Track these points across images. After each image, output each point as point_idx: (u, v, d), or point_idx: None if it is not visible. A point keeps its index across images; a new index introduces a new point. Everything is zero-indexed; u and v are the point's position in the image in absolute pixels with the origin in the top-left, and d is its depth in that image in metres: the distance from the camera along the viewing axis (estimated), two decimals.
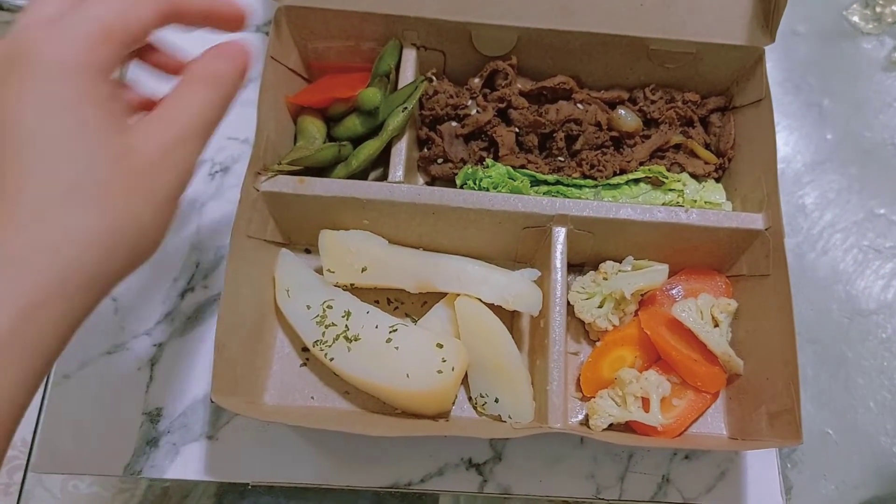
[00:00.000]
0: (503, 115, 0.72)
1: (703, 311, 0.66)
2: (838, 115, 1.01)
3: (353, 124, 0.69)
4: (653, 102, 0.73)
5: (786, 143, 0.99)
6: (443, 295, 0.66)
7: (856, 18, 1.06)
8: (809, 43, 1.05)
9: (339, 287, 0.66)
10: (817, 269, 0.93)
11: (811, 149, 0.98)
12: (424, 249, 0.68)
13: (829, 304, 0.92)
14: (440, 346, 0.61)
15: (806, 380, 0.87)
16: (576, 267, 0.71)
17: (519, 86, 0.72)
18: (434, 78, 0.71)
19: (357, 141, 0.69)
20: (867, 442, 0.86)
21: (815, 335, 0.89)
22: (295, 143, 0.71)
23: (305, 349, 0.66)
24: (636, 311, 0.68)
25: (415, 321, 0.68)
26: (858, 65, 1.04)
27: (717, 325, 0.66)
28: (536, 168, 0.70)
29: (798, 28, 1.06)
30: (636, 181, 0.71)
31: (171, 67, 0.49)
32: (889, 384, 0.89)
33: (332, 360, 0.62)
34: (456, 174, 0.71)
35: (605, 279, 0.67)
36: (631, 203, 0.67)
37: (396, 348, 0.62)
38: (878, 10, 1.06)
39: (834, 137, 0.99)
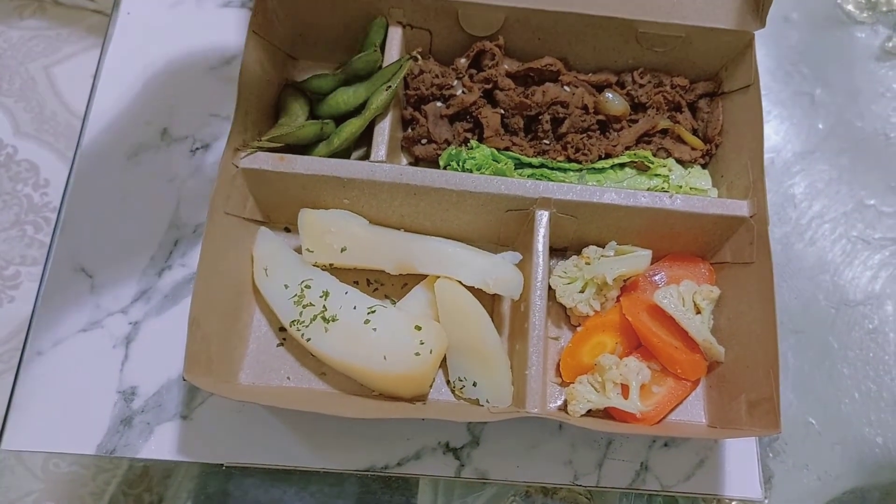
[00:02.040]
0: (489, 97, 0.72)
1: (686, 297, 0.65)
2: (830, 104, 1.00)
3: (336, 102, 0.68)
4: (641, 86, 0.72)
5: (776, 131, 0.98)
6: (423, 277, 0.66)
7: (850, 7, 1.05)
8: (802, 30, 1.03)
9: (317, 267, 0.65)
10: (805, 258, 0.92)
11: (801, 138, 0.98)
12: (406, 230, 0.67)
13: (815, 294, 0.91)
14: (418, 328, 0.61)
15: (790, 369, 0.86)
16: (558, 251, 0.70)
17: (506, 67, 0.71)
18: (419, 57, 0.70)
19: (340, 119, 0.68)
20: (850, 432, 0.85)
21: (801, 325, 0.89)
22: (277, 121, 0.70)
23: (283, 329, 0.65)
24: (618, 297, 0.67)
25: (394, 303, 0.67)
26: (851, 54, 1.03)
27: (699, 313, 0.65)
28: (521, 150, 0.70)
29: (791, 15, 1.04)
30: (621, 166, 0.70)
31: None
32: (874, 375, 0.89)
33: (308, 340, 0.62)
34: (440, 155, 0.70)
35: (587, 264, 0.66)
36: (615, 188, 0.66)
37: (374, 330, 0.61)
38: None
39: (825, 127, 0.99)
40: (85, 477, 1.09)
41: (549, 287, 0.65)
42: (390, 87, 0.66)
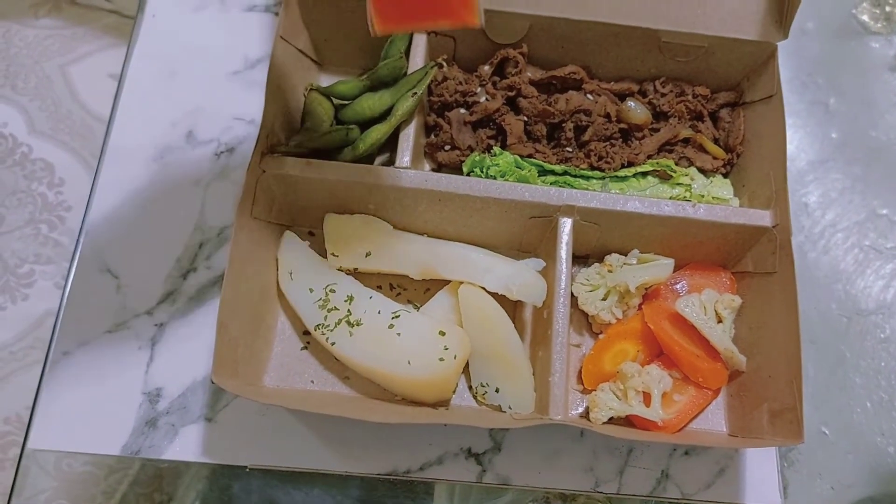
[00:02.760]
0: (512, 104, 0.72)
1: (707, 306, 0.65)
2: (844, 114, 1.00)
3: (361, 108, 0.69)
4: (663, 95, 0.73)
5: (790, 140, 0.99)
6: (446, 282, 0.66)
7: (865, 17, 1.06)
8: (817, 41, 1.04)
9: (342, 271, 0.66)
10: (818, 268, 0.93)
11: (816, 147, 0.98)
12: (429, 236, 0.68)
13: (828, 303, 0.91)
14: (442, 333, 0.61)
15: (803, 379, 0.87)
16: (581, 259, 0.71)
17: (529, 74, 0.72)
18: (444, 64, 0.71)
19: (365, 125, 0.69)
20: (863, 442, 0.86)
21: (814, 334, 0.89)
22: (302, 126, 0.70)
23: (307, 332, 0.66)
24: (640, 305, 0.68)
25: (417, 308, 0.67)
26: (866, 64, 1.03)
27: (720, 322, 0.66)
28: (544, 158, 0.70)
29: (806, 25, 1.05)
30: (644, 174, 0.70)
31: None
32: (886, 385, 0.89)
33: (333, 344, 0.62)
34: (463, 161, 0.70)
35: (609, 272, 0.67)
36: (638, 196, 0.66)
37: (398, 334, 0.61)
38: (887, 9, 1.06)
39: (839, 136, 0.99)
40: (97, 476, 1.09)
41: (572, 294, 0.65)
42: (415, 93, 0.67)
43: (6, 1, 1.07)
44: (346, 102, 0.70)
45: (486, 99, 0.71)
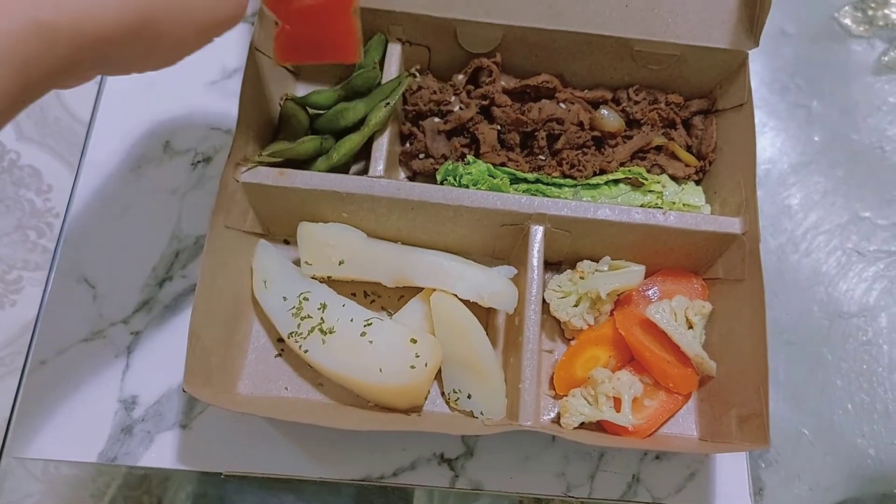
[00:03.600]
0: (486, 113, 0.73)
1: (678, 312, 0.66)
2: (826, 117, 1.01)
3: (335, 117, 0.69)
4: (636, 103, 0.73)
5: (772, 143, 0.99)
6: (420, 289, 0.67)
7: (847, 21, 1.06)
8: (799, 44, 1.04)
9: (316, 279, 0.67)
10: (799, 270, 0.93)
11: (798, 150, 0.99)
12: (403, 244, 0.68)
13: (810, 305, 0.92)
14: (414, 341, 0.62)
15: (783, 380, 0.87)
16: (553, 265, 0.71)
17: (503, 83, 0.72)
18: (418, 74, 0.71)
19: (339, 134, 0.69)
20: (843, 443, 0.86)
21: (795, 336, 0.90)
22: (277, 135, 0.71)
23: (281, 340, 0.66)
24: (612, 311, 0.68)
25: (391, 315, 0.68)
26: (848, 67, 1.04)
27: (691, 328, 0.66)
28: (517, 166, 0.71)
29: (787, 28, 1.05)
30: (616, 182, 0.71)
31: None
32: (867, 387, 0.89)
33: (306, 351, 0.63)
34: (437, 170, 0.71)
35: (581, 278, 0.67)
36: (609, 203, 0.67)
37: (370, 342, 0.62)
38: (869, 12, 1.06)
39: (821, 139, 1.00)
40: (85, 480, 1.10)
41: (544, 301, 0.66)
42: (389, 103, 0.67)
43: None
44: (321, 112, 0.70)
45: (460, 108, 0.71)
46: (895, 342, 0.90)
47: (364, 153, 0.70)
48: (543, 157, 0.72)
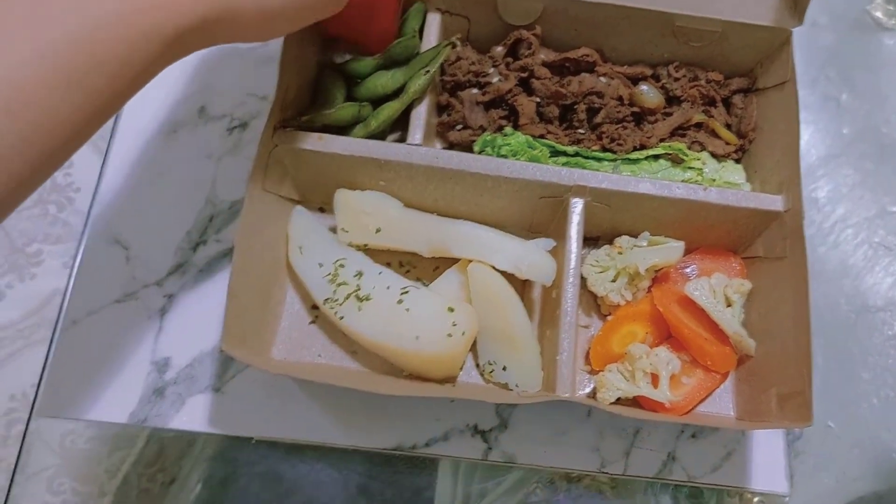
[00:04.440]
0: (525, 85, 0.72)
1: (717, 290, 0.65)
2: (856, 109, 1.00)
3: (374, 85, 0.69)
4: (676, 80, 0.73)
5: (801, 135, 0.98)
6: (455, 261, 0.66)
7: (879, 13, 1.05)
8: (830, 35, 1.04)
9: (352, 247, 0.66)
10: (826, 262, 0.92)
11: (827, 142, 0.98)
12: (440, 214, 0.68)
13: (836, 298, 0.91)
14: (451, 309, 0.61)
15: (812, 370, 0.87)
16: (591, 240, 0.70)
17: (542, 56, 0.72)
18: (457, 43, 0.71)
19: (377, 102, 0.69)
20: (868, 437, 0.85)
21: (822, 328, 0.89)
22: (315, 102, 0.70)
23: (315, 307, 0.66)
24: (649, 288, 0.68)
25: (426, 285, 0.67)
26: (879, 60, 1.03)
27: (729, 306, 0.66)
28: (556, 139, 0.70)
29: (819, 20, 1.05)
30: (656, 157, 0.70)
31: None
32: (893, 382, 0.89)
33: (341, 318, 0.62)
34: (474, 141, 0.70)
35: (619, 253, 0.67)
36: (650, 178, 0.66)
37: (407, 310, 0.61)
38: None
39: (850, 132, 0.99)
40: (100, 454, 1.09)
41: (581, 276, 0.65)
42: (428, 71, 0.67)
43: None
44: (359, 80, 0.70)
45: (499, 79, 0.71)
46: None
47: (401, 123, 0.69)
48: (583, 131, 0.71)
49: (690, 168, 0.70)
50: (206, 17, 0.42)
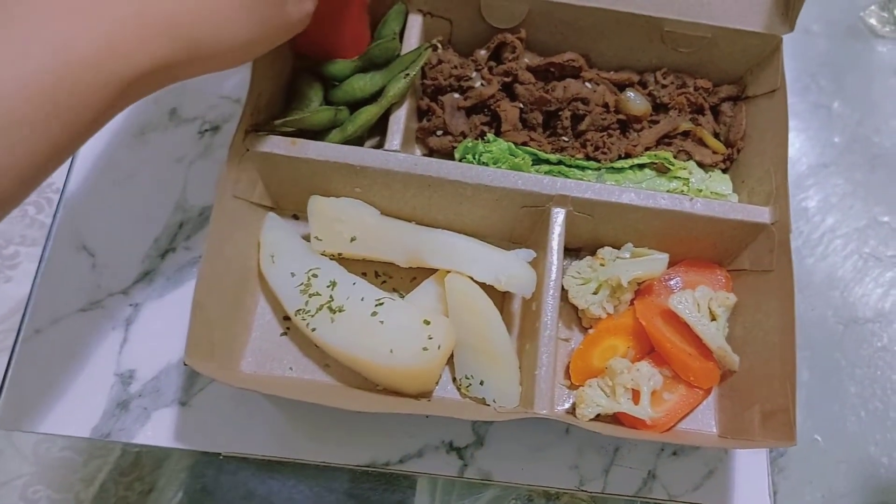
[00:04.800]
0: (508, 90, 0.70)
1: (701, 303, 0.64)
2: (847, 118, 0.99)
3: (351, 88, 0.67)
4: (663, 87, 0.71)
5: (791, 144, 0.97)
6: (433, 271, 0.64)
7: (873, 21, 1.04)
8: (822, 42, 1.03)
9: (326, 256, 0.64)
10: (815, 273, 0.91)
11: (817, 151, 0.97)
12: (418, 223, 0.66)
13: (824, 310, 0.90)
14: (427, 322, 0.59)
15: (797, 384, 0.85)
16: (573, 251, 0.69)
17: (526, 60, 0.70)
18: (439, 46, 0.69)
19: (355, 106, 0.67)
20: (856, 451, 0.85)
21: (809, 341, 0.88)
22: (289, 106, 0.68)
23: (287, 318, 0.64)
24: (632, 300, 0.66)
25: (402, 296, 0.65)
26: (872, 68, 1.02)
27: (714, 320, 0.64)
28: (539, 146, 0.68)
29: (812, 27, 1.03)
30: (641, 166, 0.68)
31: None
32: (881, 394, 0.88)
33: (314, 330, 0.60)
34: (455, 147, 0.68)
35: (602, 265, 0.65)
36: (634, 188, 0.64)
37: (381, 322, 0.59)
38: (895, 13, 1.04)
39: (841, 141, 0.98)
40: (76, 462, 1.07)
41: (562, 287, 0.63)
42: (408, 74, 0.65)
43: None
44: (337, 83, 0.68)
45: (482, 84, 0.69)
46: None
47: (379, 127, 0.67)
48: (567, 139, 0.69)
49: (676, 178, 0.68)
50: (166, 60, 0.42)
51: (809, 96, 1.00)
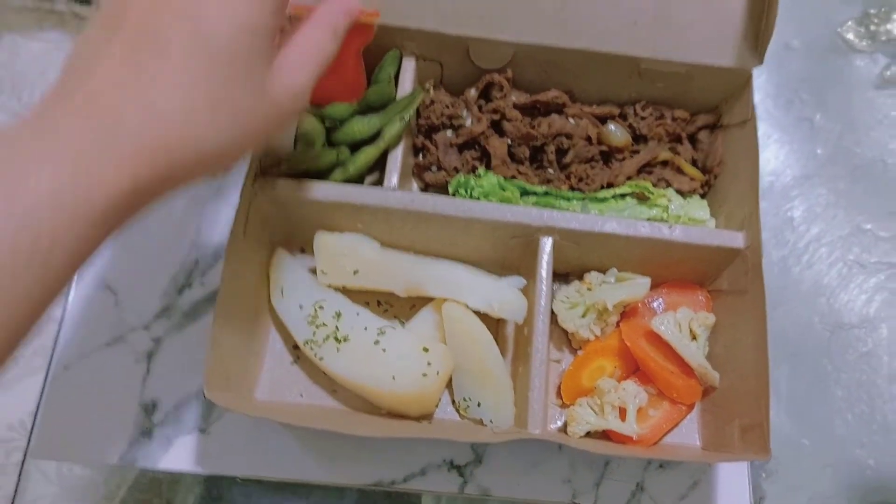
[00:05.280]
0: (497, 127, 0.75)
1: (682, 324, 0.68)
2: (830, 130, 1.02)
3: (351, 130, 0.71)
4: (643, 119, 0.75)
5: (776, 156, 1.01)
6: (431, 299, 0.68)
7: (850, 35, 1.08)
8: (803, 58, 1.06)
9: (331, 288, 0.68)
10: (801, 282, 0.95)
11: (801, 163, 1.00)
12: (416, 253, 0.70)
13: (811, 316, 0.93)
14: (426, 349, 0.64)
15: (784, 391, 0.89)
16: (561, 276, 0.73)
17: (513, 98, 0.74)
18: (431, 89, 0.73)
19: (355, 147, 0.71)
20: (842, 454, 0.88)
21: (796, 347, 0.91)
22: (294, 147, 0.73)
23: (296, 347, 0.68)
24: (618, 322, 0.70)
25: (403, 324, 0.70)
26: (851, 81, 1.06)
27: (694, 339, 0.68)
28: (527, 179, 0.73)
29: (792, 43, 1.07)
30: (623, 195, 0.73)
31: None
32: (867, 398, 0.91)
33: (321, 359, 0.65)
34: (449, 182, 0.73)
35: (588, 290, 0.69)
36: (617, 217, 0.69)
37: (384, 350, 0.64)
38: (872, 28, 1.08)
39: (824, 152, 1.01)
40: (97, 482, 1.12)
41: (552, 311, 0.68)
42: (403, 118, 0.69)
43: (11, 15, 1.10)
44: (337, 125, 0.72)
45: (472, 122, 0.73)
46: (895, 353, 0.92)
47: (379, 165, 0.72)
48: (552, 171, 0.73)
49: (656, 205, 0.72)
50: (139, 184, 0.37)
51: (792, 110, 1.04)
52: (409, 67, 0.74)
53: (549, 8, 0.70)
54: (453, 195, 0.71)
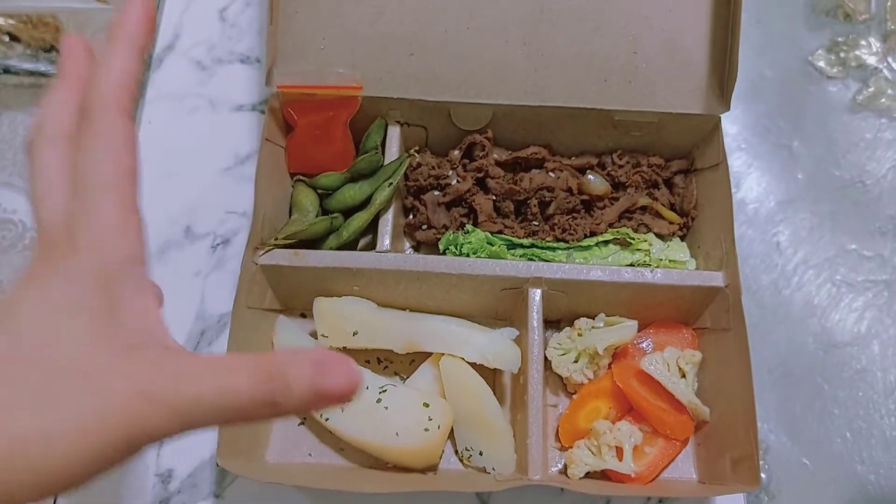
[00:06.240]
0: (481, 184, 0.78)
1: (670, 363, 0.71)
2: (808, 155, 1.05)
3: (343, 197, 0.75)
4: (620, 167, 0.79)
5: (758, 183, 1.04)
6: (429, 353, 0.71)
7: (821, 63, 1.11)
8: (777, 87, 1.09)
9: (333, 350, 0.71)
10: (792, 304, 0.97)
11: (783, 188, 1.03)
12: (411, 311, 0.74)
13: (804, 337, 0.95)
14: (426, 405, 0.67)
15: (782, 413, 0.91)
16: (552, 323, 0.76)
17: (495, 156, 0.78)
18: (417, 153, 0.77)
19: (348, 213, 0.75)
20: (843, 471, 0.89)
21: (792, 369, 0.93)
22: (290, 216, 0.76)
23: None
24: (609, 365, 0.73)
25: (403, 379, 0.73)
26: (825, 107, 1.09)
27: (683, 376, 0.71)
28: (513, 232, 0.76)
29: (766, 73, 1.10)
30: (605, 242, 0.76)
31: None
32: (864, 414, 0.93)
33: (327, 419, 0.68)
34: (439, 239, 0.76)
35: (579, 335, 0.72)
36: (600, 264, 0.72)
37: (386, 408, 0.67)
38: (841, 55, 1.11)
39: (804, 177, 1.04)
40: None
41: (546, 358, 0.71)
42: (392, 183, 0.73)
43: (9, 93, 1.14)
44: (330, 193, 0.76)
45: (457, 181, 0.77)
46: (888, 368, 0.94)
47: (371, 228, 0.76)
48: (537, 223, 0.77)
49: (638, 250, 0.76)
50: None
51: (770, 137, 1.07)
52: (394, 134, 0.78)
53: (523, 70, 0.74)
54: (444, 252, 0.75)
